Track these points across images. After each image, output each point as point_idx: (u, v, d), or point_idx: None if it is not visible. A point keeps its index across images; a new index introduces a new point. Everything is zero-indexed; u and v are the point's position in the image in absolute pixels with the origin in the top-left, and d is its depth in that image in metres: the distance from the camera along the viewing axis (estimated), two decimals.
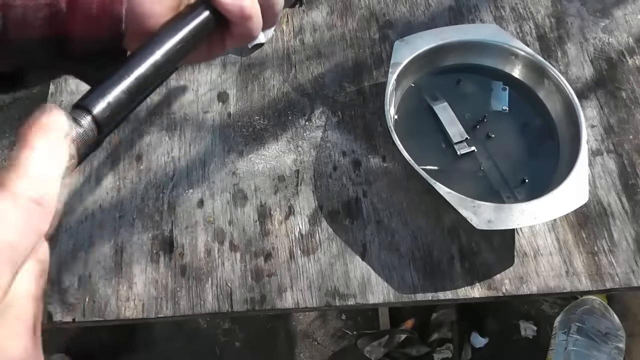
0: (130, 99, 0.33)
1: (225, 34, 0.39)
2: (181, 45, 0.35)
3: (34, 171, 0.24)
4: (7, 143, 1.69)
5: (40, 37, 0.34)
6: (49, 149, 0.25)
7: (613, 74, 0.77)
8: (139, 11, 0.35)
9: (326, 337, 1.40)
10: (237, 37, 0.39)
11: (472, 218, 0.60)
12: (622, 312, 1.21)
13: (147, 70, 0.33)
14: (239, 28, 0.37)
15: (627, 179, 0.70)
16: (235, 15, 0.36)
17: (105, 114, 0.31)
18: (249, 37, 0.39)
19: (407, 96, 0.73)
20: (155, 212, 0.69)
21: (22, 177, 0.23)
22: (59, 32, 0.34)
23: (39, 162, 0.24)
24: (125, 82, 0.32)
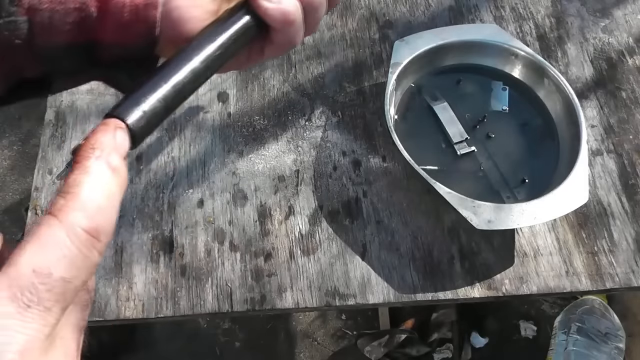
0: (166, 108, 0.30)
1: (266, 41, 0.37)
2: (220, 52, 0.33)
3: (91, 201, 0.23)
4: (7, 143, 1.69)
5: (68, 42, 0.32)
6: (108, 176, 0.24)
7: (613, 74, 0.77)
8: (175, 15, 0.33)
9: (326, 337, 1.40)
10: (278, 44, 0.37)
11: (472, 218, 0.60)
12: (622, 312, 1.21)
13: (184, 77, 0.31)
14: (280, 35, 0.36)
15: (627, 179, 0.70)
16: (277, 21, 0.34)
17: (140, 123, 0.29)
18: (289, 45, 0.37)
19: (407, 96, 0.73)
20: (155, 212, 0.69)
21: (78, 208, 0.22)
22: (88, 38, 0.32)
23: (97, 191, 0.23)
24: (162, 89, 0.30)
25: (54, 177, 0.72)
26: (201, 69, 0.32)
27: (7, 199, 1.62)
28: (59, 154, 0.74)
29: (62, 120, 0.76)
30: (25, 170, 1.65)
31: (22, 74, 0.34)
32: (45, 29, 0.31)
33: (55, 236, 0.21)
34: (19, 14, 0.30)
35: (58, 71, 0.35)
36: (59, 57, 0.33)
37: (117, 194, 0.24)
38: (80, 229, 0.22)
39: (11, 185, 1.64)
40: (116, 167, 0.24)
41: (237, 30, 0.34)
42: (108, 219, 0.23)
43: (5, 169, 1.66)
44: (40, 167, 0.73)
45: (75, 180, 0.23)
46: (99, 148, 0.24)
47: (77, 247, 0.21)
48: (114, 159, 0.24)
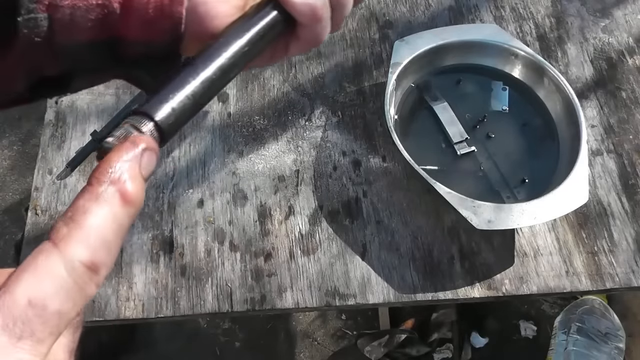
0: (195, 105, 0.30)
1: (291, 38, 0.36)
2: (248, 48, 0.33)
3: (96, 234, 0.21)
4: (7, 143, 1.69)
5: (90, 40, 0.31)
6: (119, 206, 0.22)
7: (613, 74, 0.77)
8: (202, 11, 0.33)
9: (326, 337, 1.40)
10: (304, 41, 0.36)
11: (472, 218, 0.60)
12: (622, 312, 1.21)
13: (213, 73, 0.31)
14: (307, 31, 0.35)
15: (627, 179, 0.70)
16: (305, 16, 0.34)
17: (169, 120, 0.28)
18: (315, 41, 0.36)
19: (407, 96, 0.73)
20: (155, 212, 0.69)
21: (81, 240, 0.21)
22: (110, 35, 0.31)
23: (104, 223, 0.22)
24: (190, 86, 0.30)
25: (54, 177, 0.72)
26: (229, 66, 0.32)
27: (7, 199, 1.62)
28: (59, 154, 0.74)
29: (62, 120, 0.76)
30: (25, 170, 1.65)
31: (42, 73, 0.33)
32: (66, 26, 0.30)
33: (53, 268, 0.21)
34: (39, 11, 0.29)
35: (79, 69, 0.34)
36: (80, 55, 0.32)
37: (127, 226, 0.23)
38: (79, 263, 0.21)
39: (11, 185, 1.64)
40: (131, 197, 0.23)
41: (264, 26, 0.34)
42: (111, 253, 0.22)
43: (5, 169, 1.66)
44: (40, 167, 0.73)
45: (84, 207, 0.22)
46: (116, 171, 0.23)
47: (75, 281, 0.21)
48: (130, 186, 0.23)
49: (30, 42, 0.30)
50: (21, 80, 0.33)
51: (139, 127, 0.28)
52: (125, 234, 0.23)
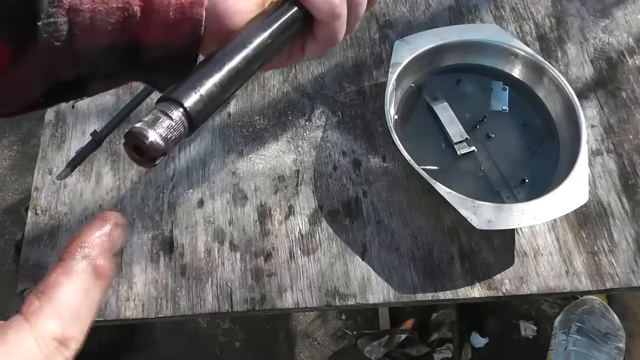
0: (222, 93, 0.30)
1: (308, 37, 0.37)
2: (271, 41, 0.33)
3: (67, 308, 0.21)
4: (7, 143, 1.70)
5: (109, 44, 0.31)
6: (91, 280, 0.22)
7: (613, 74, 0.77)
8: (222, 8, 0.33)
9: (326, 337, 1.40)
10: (321, 40, 0.37)
11: (472, 218, 0.60)
12: (622, 312, 1.21)
13: (239, 63, 0.31)
14: (324, 29, 0.35)
15: (627, 179, 0.70)
16: (323, 13, 0.34)
17: (197, 107, 0.28)
18: (332, 41, 0.37)
19: (407, 96, 0.73)
20: (155, 212, 0.69)
21: (52, 315, 0.21)
22: (130, 39, 0.31)
23: (76, 297, 0.22)
24: (218, 74, 0.30)
25: (54, 177, 0.72)
26: (253, 56, 0.32)
27: (7, 199, 1.62)
28: (59, 154, 0.74)
29: (62, 120, 0.76)
30: (25, 170, 1.65)
31: (59, 77, 0.33)
32: (86, 30, 0.30)
33: (23, 343, 0.20)
34: (59, 15, 0.29)
35: (96, 73, 0.33)
36: (99, 59, 0.32)
37: (98, 299, 0.23)
38: (50, 338, 0.21)
39: (11, 185, 1.64)
40: (103, 270, 0.23)
41: (285, 20, 0.34)
42: (82, 327, 0.22)
43: (5, 169, 1.66)
44: (40, 167, 0.73)
45: (56, 281, 0.22)
46: (88, 247, 0.23)
47: (45, 356, 0.20)
48: (101, 261, 0.23)
49: (49, 46, 0.29)
50: (37, 86, 0.32)
51: (169, 113, 0.28)
52: (96, 307, 0.23)
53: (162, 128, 0.27)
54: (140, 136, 0.27)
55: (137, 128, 0.27)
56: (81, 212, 0.70)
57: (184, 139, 0.29)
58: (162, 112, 0.28)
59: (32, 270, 0.67)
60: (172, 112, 0.28)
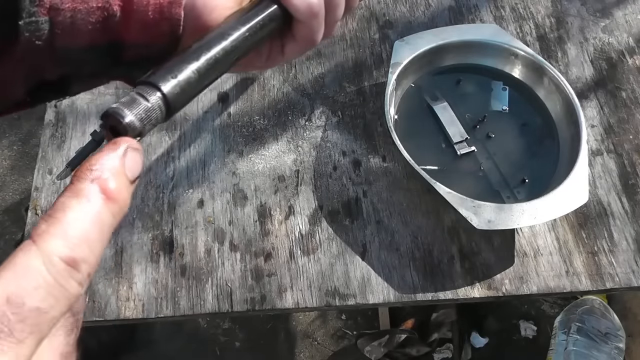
0: (200, 81, 0.30)
1: (287, 37, 0.37)
2: (249, 35, 0.34)
3: (74, 229, 0.21)
4: (7, 143, 1.70)
5: (90, 43, 0.31)
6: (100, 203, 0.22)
7: (613, 74, 0.77)
8: (200, 4, 0.33)
9: (326, 337, 1.40)
10: (299, 39, 0.37)
11: (472, 218, 0.60)
12: (622, 312, 1.21)
13: (217, 53, 0.31)
14: (302, 28, 0.36)
15: (627, 179, 0.70)
16: (301, 11, 0.35)
17: (175, 91, 0.28)
18: (310, 41, 0.37)
19: (407, 96, 0.73)
20: (155, 212, 0.69)
21: (59, 236, 0.20)
22: (110, 38, 0.32)
23: (84, 219, 0.21)
24: (196, 62, 0.30)
25: (54, 177, 0.72)
26: (232, 48, 0.33)
27: (7, 199, 1.62)
28: (59, 154, 0.74)
29: (62, 120, 0.76)
30: (25, 170, 1.65)
31: (42, 77, 0.33)
32: (67, 29, 0.30)
33: (31, 264, 0.20)
34: (40, 15, 0.29)
35: (79, 73, 0.34)
36: (80, 59, 0.32)
37: (109, 224, 0.22)
38: (57, 258, 0.20)
39: (11, 185, 1.64)
40: (113, 194, 0.22)
41: (264, 17, 0.35)
42: (93, 250, 0.21)
43: (5, 169, 1.66)
44: (40, 167, 0.73)
45: (63, 203, 0.21)
46: (97, 170, 0.22)
47: (54, 277, 0.20)
48: (112, 183, 0.22)
49: (31, 45, 0.30)
50: (20, 85, 0.33)
51: (146, 96, 0.28)
52: (109, 232, 0.22)
53: (139, 109, 0.27)
54: (117, 116, 0.27)
55: (114, 108, 0.27)
56: None
57: (160, 123, 0.29)
58: (140, 94, 0.28)
59: None
60: (149, 95, 0.28)
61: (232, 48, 0.33)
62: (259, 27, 0.34)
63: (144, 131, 0.28)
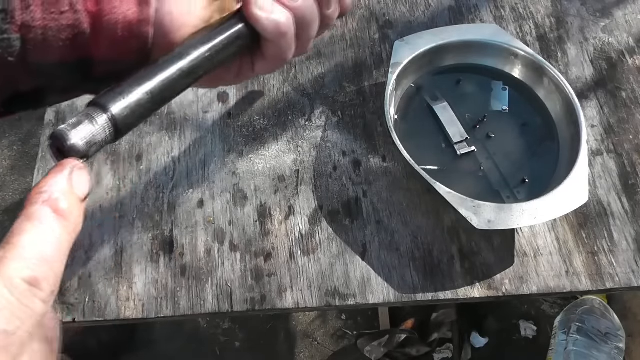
0: (152, 102, 0.30)
1: (256, 55, 0.37)
2: (210, 54, 0.33)
3: (31, 251, 0.21)
4: (7, 143, 1.70)
5: (61, 59, 0.32)
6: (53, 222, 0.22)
7: (613, 74, 0.77)
8: (168, 22, 0.33)
9: (326, 337, 1.40)
10: (269, 58, 0.37)
11: (472, 218, 0.60)
12: (622, 312, 1.21)
13: (172, 74, 0.31)
14: (271, 47, 0.35)
15: (627, 179, 0.70)
16: (268, 30, 0.34)
17: (123, 113, 0.29)
18: (280, 59, 0.37)
19: (407, 96, 0.73)
20: (155, 212, 0.69)
21: (16, 258, 0.21)
22: (81, 55, 0.32)
23: (39, 239, 0.22)
24: (150, 83, 0.30)
25: None
26: (190, 68, 0.32)
27: (7, 199, 1.62)
28: None
29: (62, 121, 0.76)
30: (25, 170, 1.65)
31: (16, 88, 0.33)
32: (38, 46, 0.31)
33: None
34: (12, 32, 0.30)
35: (53, 86, 0.34)
36: (52, 73, 0.33)
37: (65, 241, 0.23)
38: (18, 280, 0.21)
39: (11, 185, 1.64)
40: (65, 212, 0.23)
41: (228, 37, 0.34)
42: (52, 267, 0.22)
43: (5, 169, 1.66)
44: (40, 167, 0.73)
45: (18, 228, 0.22)
46: (46, 192, 0.23)
47: (17, 298, 0.20)
48: (63, 203, 0.23)
49: (3, 61, 0.30)
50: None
51: (94, 117, 0.28)
52: (67, 250, 0.23)
53: (85, 132, 0.27)
54: (62, 138, 0.27)
55: (60, 130, 0.27)
56: None
57: (110, 143, 0.29)
58: (88, 115, 0.28)
59: None
60: (97, 116, 0.28)
61: (190, 68, 0.32)
62: (221, 47, 0.34)
63: (89, 152, 0.28)
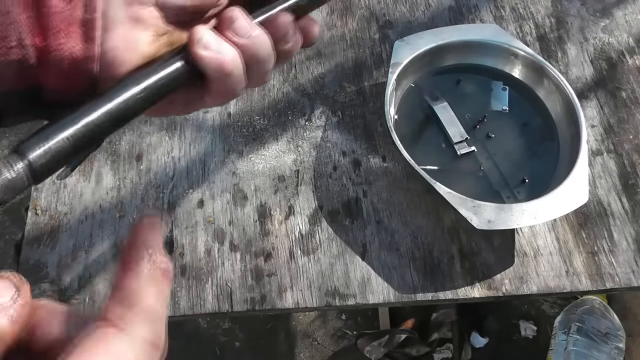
0: (74, 147, 0.30)
1: (204, 89, 0.36)
2: (144, 95, 0.32)
3: (153, 314, 0.23)
4: (7, 143, 1.70)
5: (10, 88, 0.32)
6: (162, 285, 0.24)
7: (613, 74, 0.77)
8: (110, 57, 0.33)
9: (326, 337, 1.40)
10: (216, 94, 0.35)
11: (472, 218, 0.60)
12: (622, 312, 1.21)
13: (97, 117, 0.31)
14: (216, 85, 0.34)
15: (627, 179, 0.70)
16: (212, 70, 0.33)
17: (41, 160, 0.29)
18: (229, 95, 0.36)
19: (407, 96, 0.73)
20: (155, 212, 0.69)
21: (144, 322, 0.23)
22: (29, 84, 0.33)
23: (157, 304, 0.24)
24: (72, 128, 0.30)
25: (54, 177, 0.72)
26: (119, 111, 0.32)
27: None
28: None
29: None
30: None
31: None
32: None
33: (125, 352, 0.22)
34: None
35: (8, 110, 0.35)
36: (3, 101, 0.33)
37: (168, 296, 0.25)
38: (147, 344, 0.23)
39: None
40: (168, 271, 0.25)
41: (166, 75, 0.33)
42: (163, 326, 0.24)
43: None
44: None
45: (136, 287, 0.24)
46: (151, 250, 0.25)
47: None
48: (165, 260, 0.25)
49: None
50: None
51: (12, 165, 0.28)
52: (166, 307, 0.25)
53: (1, 179, 0.28)
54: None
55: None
56: (81, 212, 0.70)
57: (27, 188, 0.30)
58: (7, 162, 0.29)
59: (32, 270, 0.67)
60: (15, 163, 0.29)
61: (121, 111, 0.32)
62: (159, 86, 0.33)
63: (5, 198, 0.29)
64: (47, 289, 0.65)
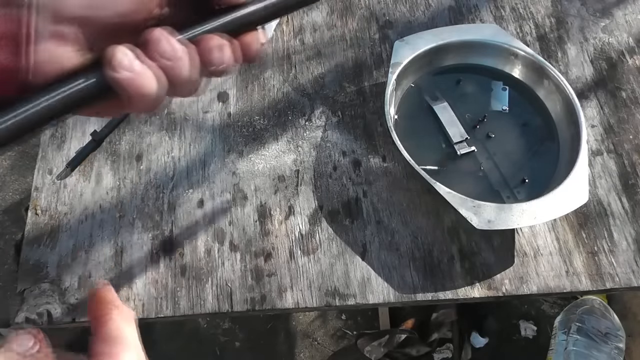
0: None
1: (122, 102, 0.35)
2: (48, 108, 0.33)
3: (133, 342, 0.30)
4: None
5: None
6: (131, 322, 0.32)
7: (613, 74, 0.77)
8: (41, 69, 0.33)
9: (326, 337, 1.40)
10: (135, 108, 0.35)
11: (472, 218, 0.60)
12: (622, 312, 1.21)
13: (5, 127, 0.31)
14: (132, 101, 0.34)
15: (627, 179, 0.70)
16: (123, 90, 0.33)
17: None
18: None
19: (407, 96, 0.73)
20: (155, 212, 0.69)
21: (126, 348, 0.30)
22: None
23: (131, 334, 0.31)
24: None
25: (54, 177, 0.72)
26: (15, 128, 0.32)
27: (7, 199, 1.62)
28: (59, 154, 0.74)
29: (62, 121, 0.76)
30: (25, 170, 1.65)
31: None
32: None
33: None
34: None
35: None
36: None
37: None
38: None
39: (11, 185, 1.64)
40: None
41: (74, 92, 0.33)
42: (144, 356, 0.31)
43: (5, 169, 1.66)
44: (40, 167, 0.73)
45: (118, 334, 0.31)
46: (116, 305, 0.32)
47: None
48: None
49: None
50: None
51: None
52: None
53: None
54: None
55: None
56: (81, 212, 0.70)
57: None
58: None
59: (32, 270, 0.67)
60: None
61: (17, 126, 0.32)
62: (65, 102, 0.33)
63: None
64: (47, 289, 0.65)
